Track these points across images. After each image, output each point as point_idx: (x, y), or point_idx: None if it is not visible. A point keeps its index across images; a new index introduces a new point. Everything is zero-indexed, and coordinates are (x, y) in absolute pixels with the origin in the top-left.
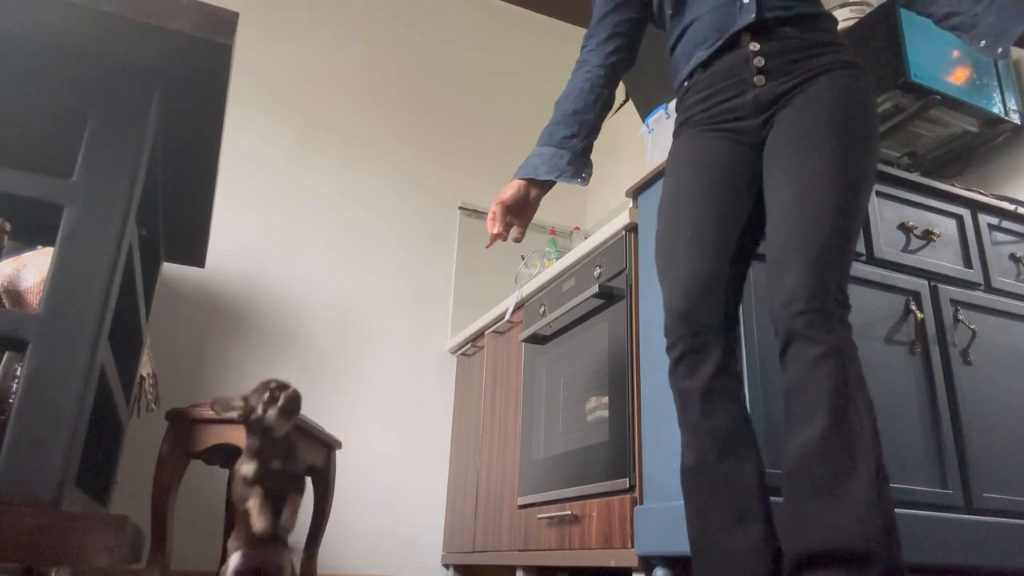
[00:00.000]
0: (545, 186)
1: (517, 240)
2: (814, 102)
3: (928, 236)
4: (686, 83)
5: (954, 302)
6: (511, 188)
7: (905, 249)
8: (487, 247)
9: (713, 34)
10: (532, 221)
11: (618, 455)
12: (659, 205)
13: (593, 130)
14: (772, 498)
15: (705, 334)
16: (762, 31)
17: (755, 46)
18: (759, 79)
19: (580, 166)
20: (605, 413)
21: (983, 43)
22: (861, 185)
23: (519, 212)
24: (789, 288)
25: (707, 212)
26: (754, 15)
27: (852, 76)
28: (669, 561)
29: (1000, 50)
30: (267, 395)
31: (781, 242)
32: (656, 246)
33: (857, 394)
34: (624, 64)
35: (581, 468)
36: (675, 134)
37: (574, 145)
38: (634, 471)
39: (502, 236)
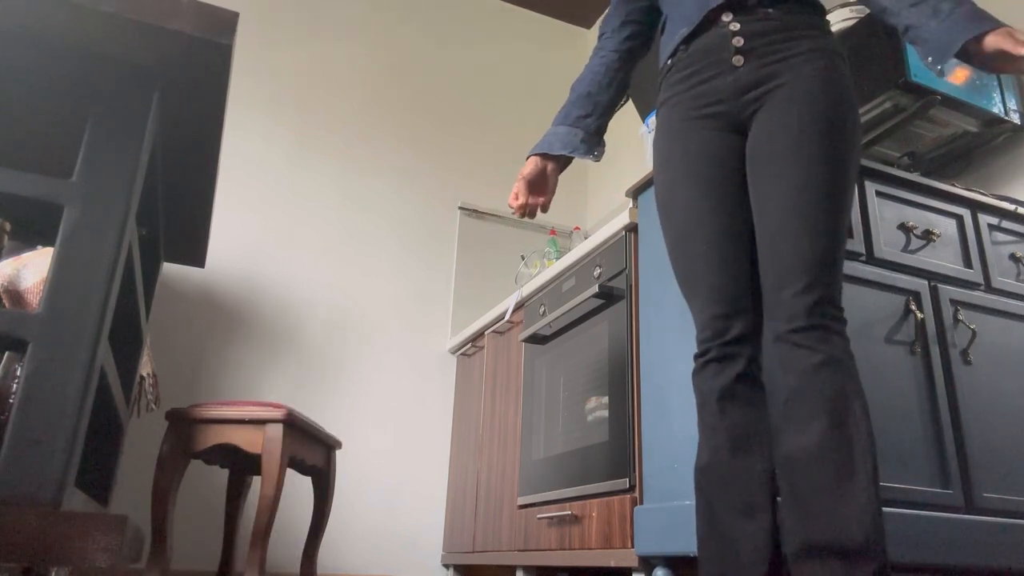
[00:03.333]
0: (560, 161)
1: (543, 210)
2: (797, 102)
3: (928, 236)
4: (669, 61)
5: (954, 302)
6: (529, 164)
7: (905, 249)
8: (520, 217)
9: (695, 13)
10: (531, 221)
11: (618, 455)
12: (660, 205)
13: (607, 111)
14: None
15: (735, 344)
16: (742, 11)
17: (735, 26)
18: (738, 59)
19: (593, 144)
20: (605, 413)
21: (929, 59)
22: (847, 191)
23: (538, 186)
24: (788, 306)
25: (719, 226)
26: None
27: (833, 68)
28: (669, 561)
29: (939, 67)
30: None
31: (775, 258)
32: (673, 261)
33: (855, 401)
34: (639, 50)
35: (581, 468)
36: (658, 112)
37: (588, 124)
38: (634, 471)
39: (523, 209)
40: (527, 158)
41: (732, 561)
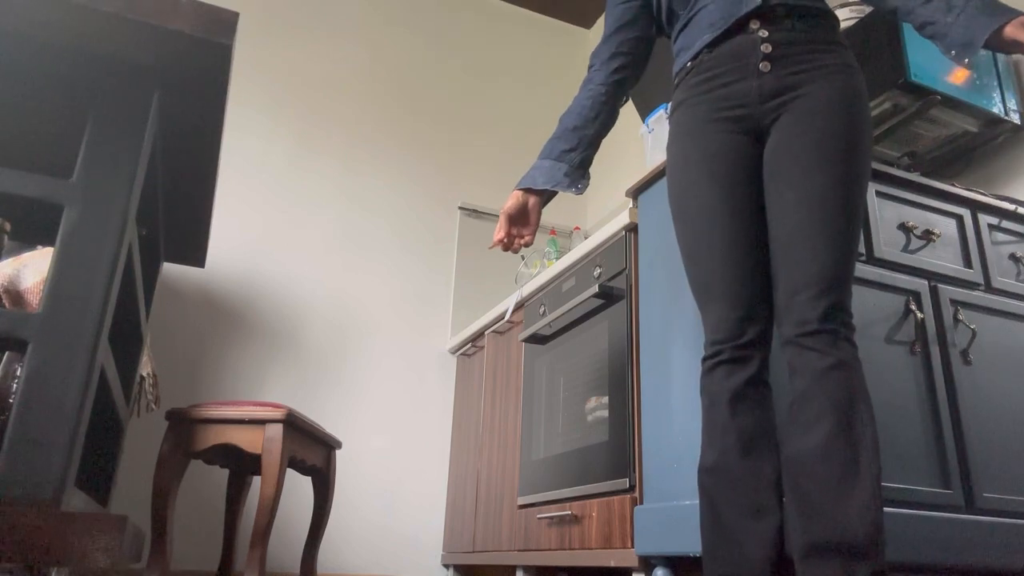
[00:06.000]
0: (543, 195)
1: (527, 245)
2: (817, 114)
3: (928, 236)
4: (689, 64)
5: (954, 302)
6: (511, 198)
7: (905, 249)
8: (489, 248)
9: (720, 20)
10: None
11: (618, 455)
12: (675, 205)
13: (591, 144)
14: None
15: (748, 347)
16: (771, 20)
17: (764, 33)
18: (764, 65)
19: (576, 177)
20: (605, 413)
21: (953, 52)
22: (860, 202)
23: (520, 220)
24: (799, 310)
25: (737, 231)
26: (760, 0)
27: (852, 83)
28: (669, 561)
29: (966, 60)
30: None
31: (789, 263)
32: (687, 260)
33: (862, 405)
34: (629, 81)
35: (581, 468)
36: (672, 115)
37: (572, 158)
38: (634, 471)
39: (503, 242)
40: (512, 192)
41: (737, 562)
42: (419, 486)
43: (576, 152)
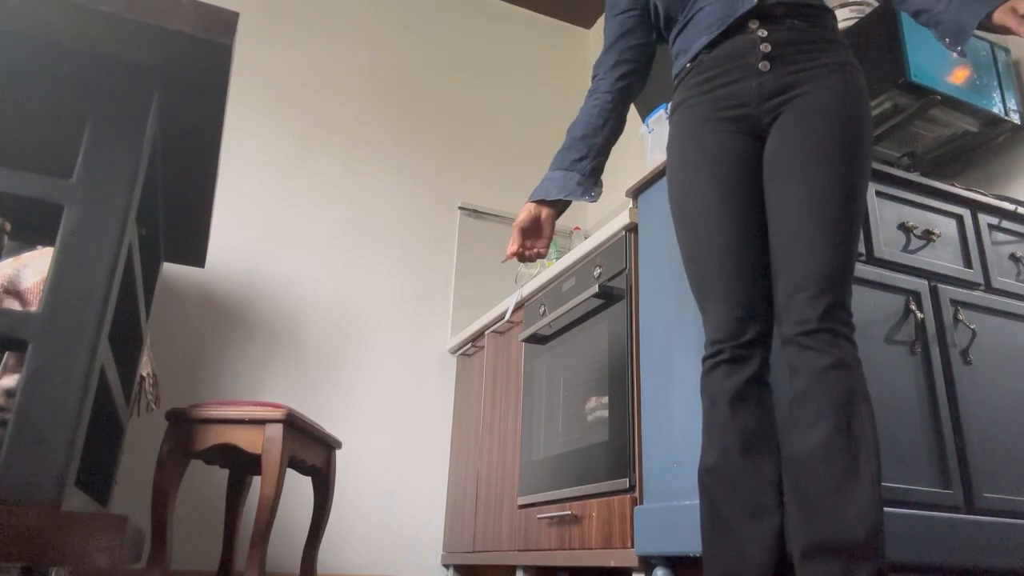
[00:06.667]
0: (557, 206)
1: (541, 256)
2: (818, 113)
3: (928, 236)
4: (688, 65)
5: (954, 302)
6: (524, 211)
7: (905, 249)
8: (503, 262)
9: (718, 21)
10: None
11: (618, 455)
12: (676, 205)
13: (602, 152)
14: None
15: (749, 347)
16: (770, 20)
17: (763, 32)
18: (764, 65)
19: (589, 186)
20: (605, 413)
21: (947, 39)
22: (861, 201)
23: (533, 232)
24: (799, 309)
25: (737, 231)
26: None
27: (853, 82)
28: (669, 561)
29: (959, 47)
30: None
31: (789, 262)
32: (687, 260)
33: (862, 405)
34: (634, 88)
35: (581, 468)
36: (672, 116)
37: (583, 167)
38: (634, 471)
39: (517, 255)
40: (524, 205)
41: (738, 562)
42: (419, 486)
43: (587, 161)
